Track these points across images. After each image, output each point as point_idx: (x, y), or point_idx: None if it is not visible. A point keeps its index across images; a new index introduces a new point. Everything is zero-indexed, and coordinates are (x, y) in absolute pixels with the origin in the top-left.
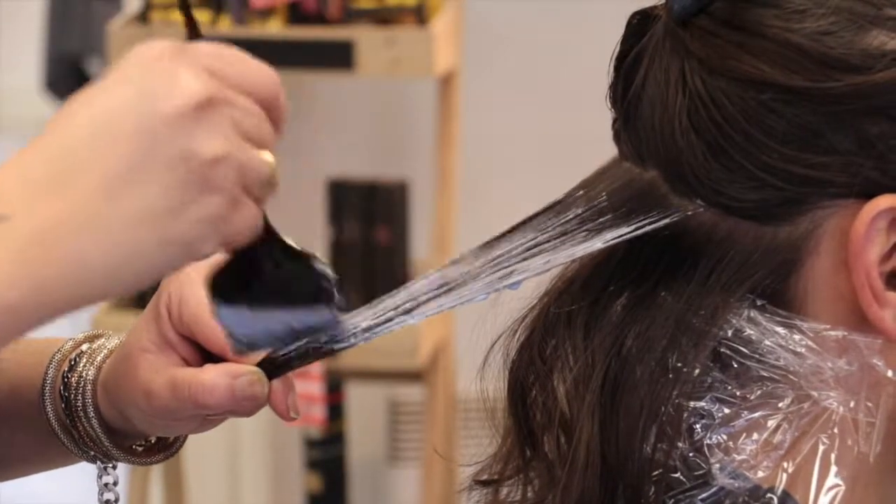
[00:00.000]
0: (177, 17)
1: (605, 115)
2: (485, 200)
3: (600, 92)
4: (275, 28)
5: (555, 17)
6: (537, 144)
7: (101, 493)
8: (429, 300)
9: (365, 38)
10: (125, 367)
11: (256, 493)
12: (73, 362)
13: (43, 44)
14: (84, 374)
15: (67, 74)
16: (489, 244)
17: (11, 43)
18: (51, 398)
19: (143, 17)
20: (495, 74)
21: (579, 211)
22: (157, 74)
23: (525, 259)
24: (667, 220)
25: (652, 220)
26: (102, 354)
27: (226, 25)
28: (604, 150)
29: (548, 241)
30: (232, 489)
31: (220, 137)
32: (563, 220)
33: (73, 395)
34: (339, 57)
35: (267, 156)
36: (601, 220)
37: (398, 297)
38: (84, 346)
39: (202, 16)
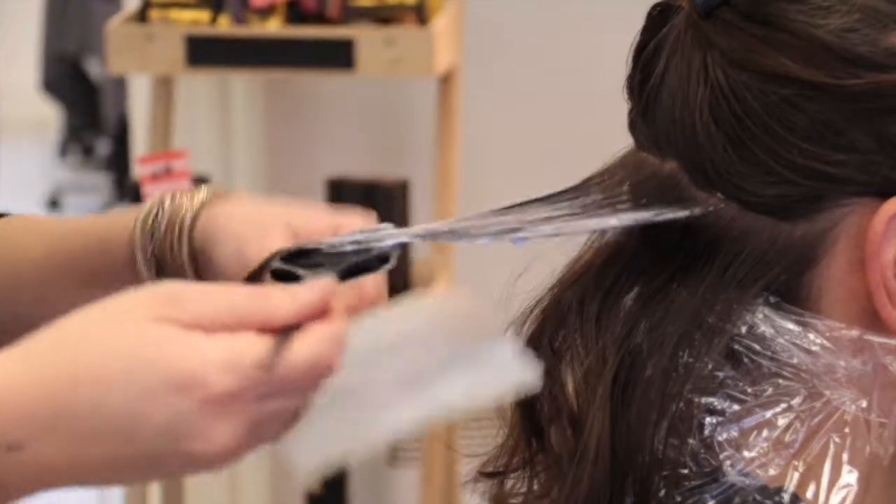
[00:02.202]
0: (175, 15)
1: (604, 115)
2: (485, 200)
3: (600, 92)
4: (274, 27)
5: (555, 17)
6: (537, 144)
7: None
8: (428, 235)
9: (365, 38)
10: (259, 218)
11: (256, 492)
12: (162, 206)
13: (41, 43)
14: (180, 218)
15: (66, 74)
16: (501, 210)
17: (10, 42)
18: (141, 234)
19: (141, 16)
20: (495, 74)
21: (598, 197)
22: (188, 420)
23: (535, 223)
24: (687, 213)
25: (672, 210)
26: (198, 202)
27: (225, 24)
28: (604, 149)
29: (560, 217)
30: (232, 489)
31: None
32: (580, 204)
33: (168, 231)
34: (338, 56)
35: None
36: (620, 206)
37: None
38: (167, 201)
39: (202, 15)
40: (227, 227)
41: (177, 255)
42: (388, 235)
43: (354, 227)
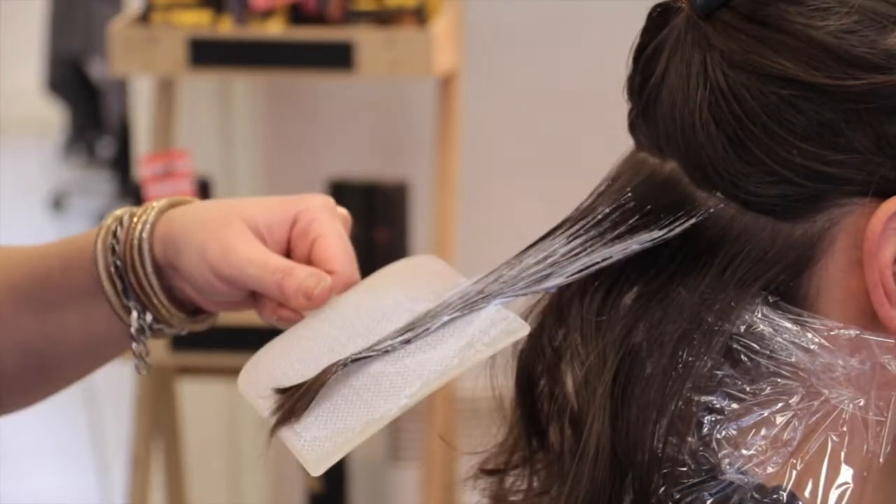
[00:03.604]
0: (177, 17)
1: (604, 116)
2: (484, 201)
3: (600, 92)
4: (275, 29)
5: (555, 18)
6: (537, 145)
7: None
8: (466, 303)
9: (365, 39)
10: (215, 219)
11: (257, 492)
12: (121, 222)
13: (44, 45)
14: (139, 232)
15: (68, 75)
16: (522, 254)
17: (12, 44)
18: (102, 250)
19: (143, 17)
20: (495, 74)
21: (606, 210)
22: None
23: (561, 265)
24: (694, 220)
25: (681, 221)
26: (154, 212)
27: (227, 26)
28: (603, 149)
29: (582, 247)
30: (233, 488)
31: None
32: (592, 222)
33: (126, 245)
34: (339, 57)
35: None
36: (631, 221)
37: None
38: (125, 216)
39: (203, 17)
40: (187, 234)
41: (139, 269)
42: (434, 313)
43: (313, 212)
